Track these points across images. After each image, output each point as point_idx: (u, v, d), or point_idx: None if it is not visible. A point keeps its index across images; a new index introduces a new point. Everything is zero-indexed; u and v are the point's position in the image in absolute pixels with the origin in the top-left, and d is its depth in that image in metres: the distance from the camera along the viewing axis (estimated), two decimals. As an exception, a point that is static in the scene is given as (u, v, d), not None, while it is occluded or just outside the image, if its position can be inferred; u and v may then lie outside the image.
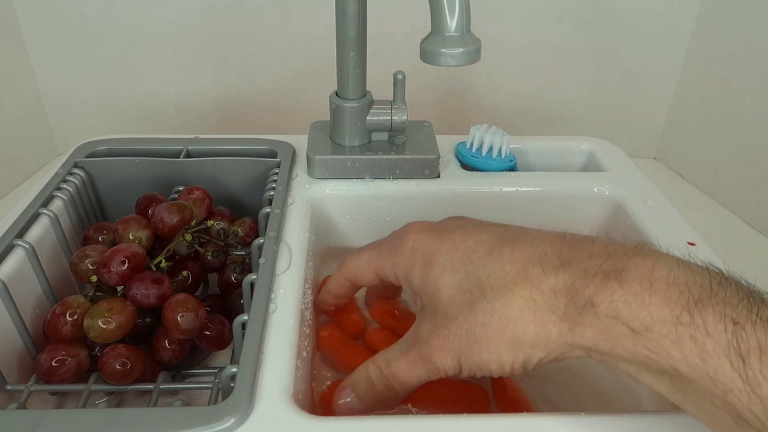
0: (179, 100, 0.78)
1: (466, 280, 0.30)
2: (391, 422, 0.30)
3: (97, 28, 0.72)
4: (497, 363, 0.29)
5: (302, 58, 0.75)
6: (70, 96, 0.77)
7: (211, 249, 0.44)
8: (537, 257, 0.29)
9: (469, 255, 0.31)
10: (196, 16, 0.72)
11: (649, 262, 0.26)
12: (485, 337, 0.29)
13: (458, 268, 0.31)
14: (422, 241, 0.33)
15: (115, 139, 0.52)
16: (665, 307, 0.24)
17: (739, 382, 0.22)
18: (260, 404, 0.30)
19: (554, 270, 0.28)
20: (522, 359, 0.29)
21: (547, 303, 0.28)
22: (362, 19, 0.45)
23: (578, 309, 0.26)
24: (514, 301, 0.28)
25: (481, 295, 0.29)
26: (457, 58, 0.37)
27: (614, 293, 0.25)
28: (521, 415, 0.30)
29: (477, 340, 0.29)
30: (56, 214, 0.43)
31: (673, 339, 0.24)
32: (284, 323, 0.35)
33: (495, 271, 0.29)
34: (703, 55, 0.74)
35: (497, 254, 0.30)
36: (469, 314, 0.29)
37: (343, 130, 0.50)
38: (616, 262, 0.26)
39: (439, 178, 0.50)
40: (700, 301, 0.24)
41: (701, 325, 0.24)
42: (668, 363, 0.24)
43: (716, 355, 0.23)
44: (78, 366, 0.37)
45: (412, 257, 0.33)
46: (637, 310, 0.25)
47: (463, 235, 0.32)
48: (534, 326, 0.28)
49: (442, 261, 0.31)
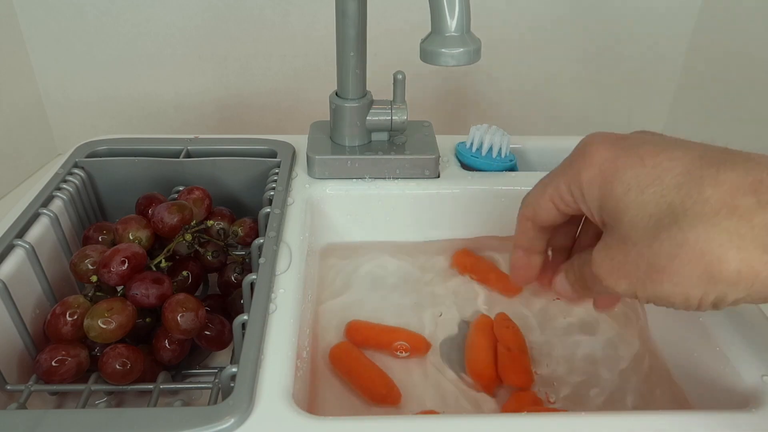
0: (179, 100, 0.78)
1: (654, 203, 0.26)
2: (391, 422, 0.30)
3: (97, 28, 0.72)
4: (681, 297, 0.26)
5: (302, 58, 0.75)
6: (70, 96, 0.77)
7: (211, 249, 0.44)
8: (750, 183, 0.24)
9: (659, 174, 0.26)
10: (196, 16, 0.72)
11: None
12: (671, 268, 0.25)
13: (645, 187, 0.26)
14: (602, 152, 0.29)
15: (115, 139, 0.52)
16: None
17: None
18: (260, 404, 0.30)
19: None
20: (714, 297, 0.25)
21: (758, 239, 0.23)
22: (362, 19, 0.45)
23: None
24: (715, 233, 0.24)
25: (672, 222, 0.25)
26: (457, 58, 0.37)
27: None
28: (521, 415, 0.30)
29: (660, 270, 0.26)
30: (56, 214, 0.43)
31: None
32: (284, 323, 0.35)
33: (692, 195, 0.25)
34: (703, 55, 0.74)
35: (696, 175, 0.25)
36: (653, 241, 0.26)
37: (343, 130, 0.50)
38: None
39: (439, 178, 0.50)
40: None
41: None
42: None
43: None
44: (78, 366, 0.37)
45: (590, 172, 0.29)
46: None
47: (653, 150, 0.27)
48: (737, 264, 0.24)
49: (626, 178, 0.27)
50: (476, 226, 0.51)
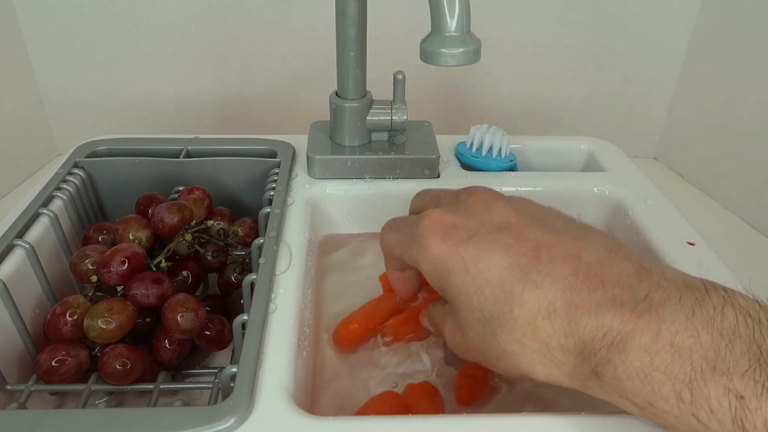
0: (179, 100, 0.78)
1: (479, 310, 0.29)
2: (391, 422, 0.30)
3: (97, 28, 0.72)
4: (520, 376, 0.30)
5: (302, 58, 0.75)
6: (70, 96, 0.77)
7: (211, 249, 0.44)
8: (546, 308, 0.27)
9: (480, 284, 0.29)
10: (196, 16, 0.72)
11: (654, 327, 0.25)
12: (501, 364, 0.30)
13: (471, 295, 0.30)
14: (434, 248, 0.31)
15: (115, 139, 0.52)
16: (666, 383, 0.24)
17: None
18: (260, 404, 0.30)
19: (563, 329, 0.27)
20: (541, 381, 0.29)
21: (555, 359, 0.27)
22: (362, 19, 0.45)
23: (585, 375, 0.27)
24: (525, 351, 0.28)
25: (492, 335, 0.29)
26: (457, 58, 0.37)
27: (617, 368, 0.25)
28: (521, 415, 0.30)
29: (494, 363, 0.30)
30: (56, 214, 0.43)
31: (677, 415, 0.24)
32: (284, 323, 0.35)
33: (505, 312, 0.28)
34: (703, 55, 0.74)
35: (507, 292, 0.28)
36: (482, 345, 0.30)
37: (343, 130, 0.50)
38: (621, 325, 0.25)
39: (439, 178, 0.50)
40: (704, 374, 0.23)
41: (704, 404, 0.23)
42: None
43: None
44: (78, 366, 0.37)
45: (427, 265, 0.32)
46: (639, 387, 0.24)
47: (475, 255, 0.30)
48: (544, 374, 0.28)
49: (456, 282, 0.30)
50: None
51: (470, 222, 0.32)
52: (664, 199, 0.49)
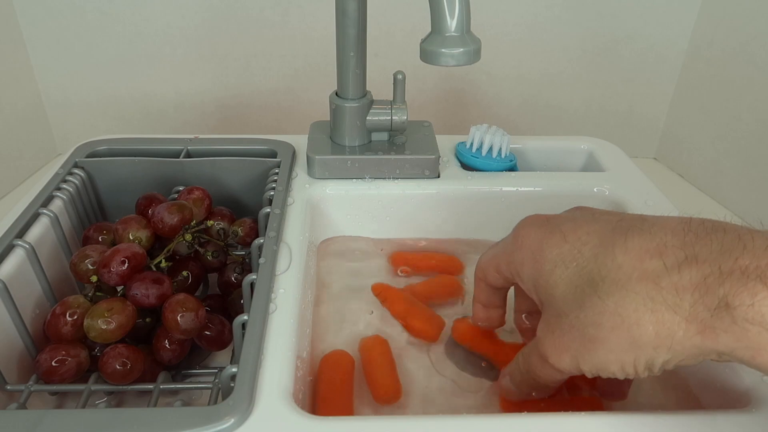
0: (179, 100, 0.78)
1: (577, 275, 0.27)
2: (391, 422, 0.30)
3: (97, 28, 0.72)
4: (617, 364, 0.26)
5: (302, 58, 0.75)
6: (70, 96, 0.77)
7: (211, 249, 0.44)
8: (655, 247, 0.25)
9: (579, 248, 0.28)
10: (196, 15, 0.72)
11: None
12: (599, 336, 0.26)
13: (569, 262, 0.28)
14: (531, 235, 0.31)
15: (115, 139, 0.52)
16: None
17: None
18: (260, 404, 0.30)
19: (677, 264, 0.24)
20: (644, 361, 0.26)
21: (667, 301, 0.24)
22: (362, 19, 0.45)
23: (709, 310, 0.23)
24: (629, 298, 0.25)
25: (592, 291, 0.26)
26: (457, 58, 0.37)
27: (756, 294, 0.22)
28: (521, 415, 0.30)
29: (591, 340, 0.27)
30: (56, 214, 0.43)
31: None
32: (284, 323, 0.35)
33: (606, 264, 0.26)
34: (703, 55, 0.74)
35: (609, 245, 0.27)
36: (579, 312, 0.27)
37: (343, 130, 0.50)
38: (758, 257, 0.23)
39: (439, 178, 0.50)
40: None
41: None
42: None
43: None
44: (78, 366, 0.37)
45: (521, 254, 0.31)
46: None
47: (573, 227, 0.29)
48: (653, 326, 0.25)
49: (551, 256, 0.29)
50: (476, 226, 0.51)
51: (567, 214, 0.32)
52: (664, 199, 0.49)
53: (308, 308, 0.40)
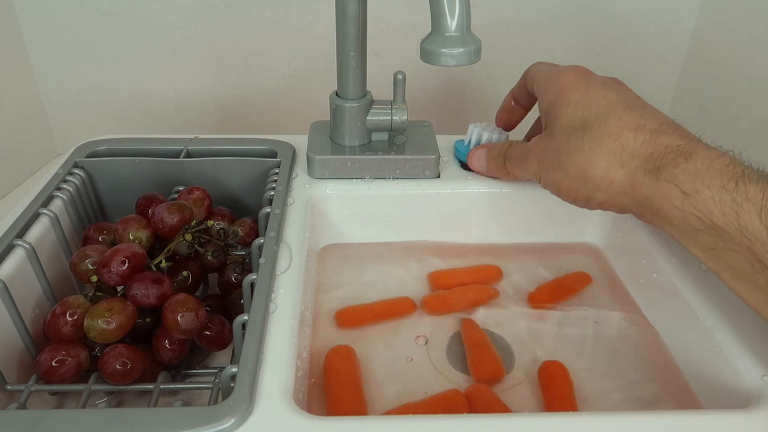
0: (179, 100, 0.78)
1: (579, 119, 0.37)
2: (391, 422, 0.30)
3: (97, 28, 0.72)
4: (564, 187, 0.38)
5: (302, 58, 0.75)
6: (70, 96, 0.77)
7: (211, 249, 0.44)
8: (636, 126, 0.35)
9: (591, 103, 0.37)
10: (196, 15, 0.72)
11: (716, 153, 0.32)
12: (564, 163, 0.37)
13: (580, 108, 0.38)
14: (569, 76, 0.40)
15: (115, 139, 0.52)
16: (716, 178, 0.31)
17: (764, 232, 0.29)
18: (260, 404, 0.30)
19: (642, 140, 0.35)
20: (586, 194, 0.37)
21: (622, 160, 0.35)
22: (362, 19, 0.45)
23: (645, 172, 0.34)
24: (599, 148, 0.35)
25: (581, 133, 0.37)
26: (458, 58, 0.37)
27: (678, 166, 0.32)
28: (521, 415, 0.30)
29: (558, 163, 0.38)
30: (56, 214, 0.43)
31: (717, 200, 0.30)
32: (284, 323, 0.35)
33: (600, 122, 0.36)
34: (703, 55, 0.74)
35: (611, 111, 0.36)
36: (565, 142, 0.38)
37: (343, 130, 0.50)
38: (694, 147, 0.33)
39: (439, 178, 0.50)
40: (748, 177, 0.30)
41: (743, 191, 0.30)
42: (708, 219, 0.30)
43: (749, 213, 0.29)
44: (78, 366, 0.37)
45: (555, 82, 0.41)
46: (691, 179, 0.31)
47: (597, 86, 0.39)
48: (603, 171, 0.35)
49: (572, 97, 0.38)
50: (476, 226, 0.51)
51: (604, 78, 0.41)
52: (664, 199, 0.49)
53: (308, 308, 0.40)
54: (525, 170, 0.43)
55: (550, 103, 0.40)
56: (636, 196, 0.34)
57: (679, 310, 0.39)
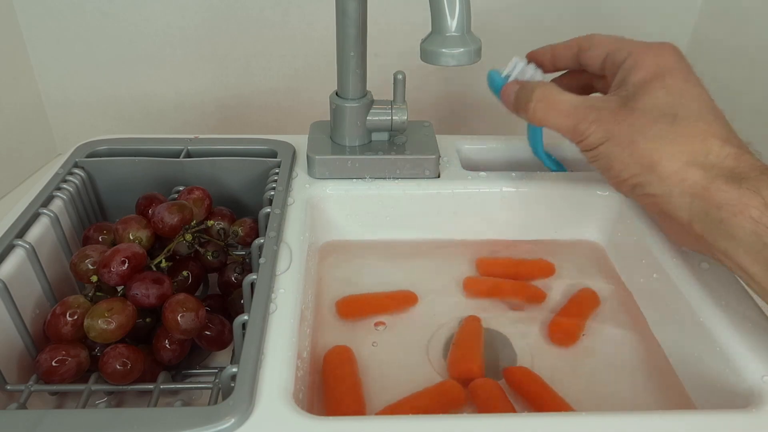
0: (179, 100, 0.78)
1: (668, 107, 0.35)
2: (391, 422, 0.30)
3: (97, 28, 0.72)
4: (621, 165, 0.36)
5: (302, 58, 0.75)
6: (70, 96, 0.77)
7: (211, 249, 0.44)
8: (724, 137, 0.34)
9: (684, 95, 0.36)
10: (196, 15, 0.72)
11: None
12: (635, 145, 0.35)
13: (672, 95, 0.36)
14: (670, 56, 0.38)
15: (115, 139, 0.52)
16: None
17: None
18: (260, 404, 0.30)
19: (728, 152, 0.33)
20: (639, 180, 0.35)
21: (704, 162, 0.33)
22: (362, 19, 0.45)
23: (726, 179, 0.32)
24: (685, 144, 0.34)
25: (669, 121, 0.35)
26: (458, 57, 0.37)
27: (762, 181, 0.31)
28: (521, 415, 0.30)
29: (631, 142, 0.35)
30: (56, 214, 0.43)
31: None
32: (284, 323, 0.35)
33: (691, 118, 0.35)
34: (703, 55, 0.74)
35: (704, 110, 0.35)
36: (648, 123, 0.35)
37: (343, 130, 0.50)
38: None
39: (439, 178, 0.50)
40: None
41: None
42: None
43: None
44: (78, 366, 0.37)
45: (655, 58, 0.37)
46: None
47: (695, 82, 0.37)
48: (679, 167, 0.33)
49: (667, 82, 0.36)
50: (476, 225, 0.51)
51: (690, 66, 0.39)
52: (664, 199, 0.49)
53: (308, 308, 0.40)
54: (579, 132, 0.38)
55: (642, 79, 0.37)
56: (705, 200, 0.32)
57: (679, 310, 0.39)
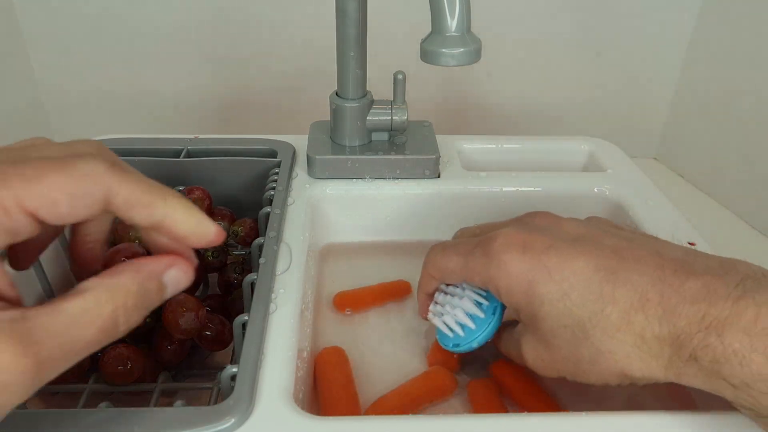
0: (179, 100, 0.78)
1: (566, 315, 0.30)
2: (391, 422, 0.30)
3: (97, 28, 0.72)
4: (602, 383, 0.30)
5: (302, 58, 0.75)
6: (70, 96, 0.77)
7: (212, 249, 0.44)
8: (638, 301, 0.28)
9: (565, 290, 0.30)
10: (196, 15, 0.72)
11: (752, 313, 0.26)
12: (592, 369, 0.30)
13: (556, 301, 0.30)
14: (515, 264, 0.31)
15: (116, 138, 0.52)
16: (765, 365, 0.25)
17: None
18: (260, 404, 0.30)
19: (657, 318, 0.28)
20: (629, 382, 0.30)
21: (651, 350, 0.28)
22: (362, 19, 0.45)
23: (682, 361, 0.27)
24: (620, 346, 0.28)
25: (584, 337, 0.29)
26: (458, 58, 0.37)
27: (715, 351, 0.26)
28: (521, 415, 0.30)
29: (584, 372, 0.30)
30: (56, 214, 0.43)
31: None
32: (284, 323, 0.35)
33: (596, 312, 0.29)
34: (703, 55, 0.74)
35: (597, 293, 0.29)
36: (575, 351, 0.30)
37: (343, 130, 0.50)
38: (718, 311, 0.26)
39: (439, 178, 0.50)
40: None
41: None
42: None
43: None
44: (78, 366, 0.36)
45: (506, 281, 0.31)
46: (737, 369, 0.25)
47: (558, 262, 0.30)
48: (640, 368, 0.28)
49: (539, 292, 0.30)
50: (476, 226, 0.51)
51: (544, 236, 0.32)
52: (664, 199, 0.49)
53: (308, 308, 0.40)
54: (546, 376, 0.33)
55: (516, 303, 0.32)
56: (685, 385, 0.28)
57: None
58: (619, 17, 0.74)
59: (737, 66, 0.68)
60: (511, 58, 0.76)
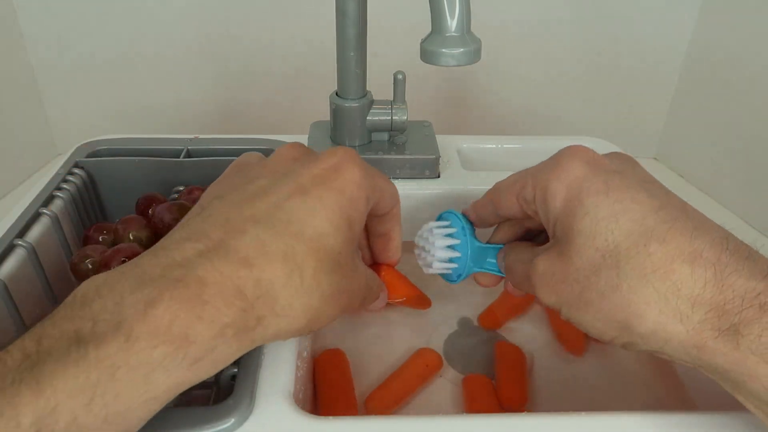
0: (179, 100, 0.78)
1: (604, 238, 0.26)
2: (391, 422, 0.30)
3: (97, 28, 0.72)
4: (597, 330, 0.27)
5: (302, 58, 0.75)
6: (70, 96, 0.77)
7: (211, 249, 0.44)
8: (691, 253, 0.25)
9: (617, 212, 0.27)
10: (196, 16, 0.72)
11: None
12: (598, 305, 0.26)
13: (601, 219, 0.27)
14: (574, 169, 0.29)
15: (116, 139, 0.52)
16: None
17: None
18: (260, 404, 0.30)
19: (704, 278, 0.24)
20: (625, 341, 0.27)
21: (679, 308, 0.24)
22: (362, 19, 0.45)
23: (716, 331, 0.24)
24: (645, 290, 0.25)
25: (613, 264, 0.26)
26: (458, 57, 0.37)
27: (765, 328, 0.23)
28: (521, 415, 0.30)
29: (587, 303, 0.27)
30: (57, 214, 0.43)
31: None
32: (284, 323, 0.35)
33: (638, 246, 0.25)
34: (703, 55, 0.74)
35: (648, 228, 0.26)
36: (591, 275, 0.27)
37: (343, 130, 0.50)
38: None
39: (439, 178, 0.50)
40: None
41: None
42: None
43: None
44: (78, 366, 0.37)
45: (558, 184, 0.29)
46: None
47: (620, 185, 0.28)
48: (656, 322, 0.25)
49: (587, 202, 0.27)
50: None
51: (614, 165, 0.30)
52: (664, 199, 0.48)
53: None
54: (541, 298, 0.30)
55: (560, 212, 0.29)
56: (706, 362, 0.25)
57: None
58: (619, 17, 0.74)
59: (737, 66, 0.68)
60: (511, 58, 0.76)
